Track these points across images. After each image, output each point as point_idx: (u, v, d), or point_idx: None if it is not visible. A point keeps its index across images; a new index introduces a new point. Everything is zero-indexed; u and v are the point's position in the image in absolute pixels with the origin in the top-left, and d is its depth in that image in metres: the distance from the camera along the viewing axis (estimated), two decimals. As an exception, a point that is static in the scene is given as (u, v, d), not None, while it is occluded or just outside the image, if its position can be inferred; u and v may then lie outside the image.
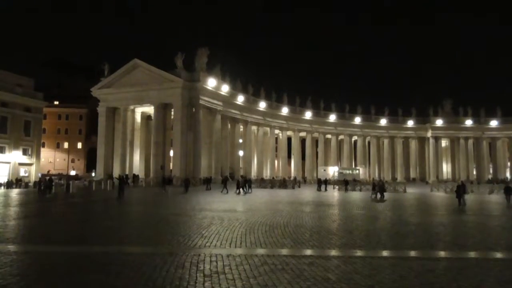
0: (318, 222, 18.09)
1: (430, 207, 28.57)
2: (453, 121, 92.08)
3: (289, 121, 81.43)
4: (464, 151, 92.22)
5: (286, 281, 7.63)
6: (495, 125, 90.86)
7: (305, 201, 31.34)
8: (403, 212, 24.99)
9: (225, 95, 63.39)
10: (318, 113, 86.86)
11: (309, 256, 10.18)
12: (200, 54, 58.57)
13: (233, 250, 10.83)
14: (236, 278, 7.75)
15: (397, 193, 47.00)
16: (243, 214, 20.29)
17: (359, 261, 9.85)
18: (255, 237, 12.88)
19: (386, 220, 19.95)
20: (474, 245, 12.90)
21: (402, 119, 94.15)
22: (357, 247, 11.80)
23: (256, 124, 76.11)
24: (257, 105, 74.68)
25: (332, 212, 23.34)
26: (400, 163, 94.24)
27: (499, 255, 11.21)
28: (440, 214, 23.42)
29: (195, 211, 21.21)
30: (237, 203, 28.11)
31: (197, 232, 13.71)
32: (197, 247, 11.13)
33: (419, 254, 11.00)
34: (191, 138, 57.20)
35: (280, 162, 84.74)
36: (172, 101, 57.38)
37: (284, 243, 12.04)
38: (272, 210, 22.85)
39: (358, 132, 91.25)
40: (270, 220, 17.62)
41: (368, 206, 28.29)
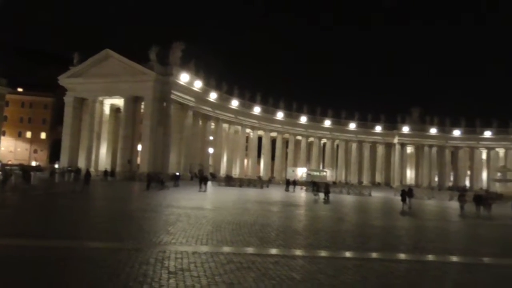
0: (285, 222, 18.26)
1: (392, 210, 29.35)
2: (419, 129, 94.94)
3: (261, 120, 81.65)
4: (428, 158, 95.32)
5: (251, 279, 7.65)
6: (458, 135, 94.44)
7: (273, 201, 31.54)
8: (367, 214, 25.60)
9: (198, 91, 62.82)
10: (290, 114, 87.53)
11: (275, 255, 10.26)
12: (175, 48, 57.78)
13: (199, 247, 10.76)
14: (201, 276, 7.70)
15: (363, 196, 48.07)
16: (211, 212, 20.21)
17: (323, 261, 10.02)
18: (222, 235, 12.85)
19: (351, 222, 20.37)
20: (433, 248, 13.37)
21: (371, 124, 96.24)
22: (322, 248, 12.00)
23: (227, 122, 75.87)
24: (229, 103, 74.45)
25: (299, 213, 23.61)
26: (367, 167, 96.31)
27: (456, 259, 11.66)
28: (401, 218, 24.11)
29: (162, 207, 20.94)
30: (205, 201, 27.95)
31: (163, 229, 13.54)
32: (162, 244, 10.99)
33: (381, 256, 11.28)
34: (161, 133, 56.37)
35: (250, 161, 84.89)
36: (143, 94, 56.34)
37: (251, 242, 12.07)
38: (240, 209, 22.86)
39: (327, 135, 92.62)
40: (237, 218, 17.61)
41: (335, 208, 28.78)
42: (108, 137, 62.04)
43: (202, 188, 37.32)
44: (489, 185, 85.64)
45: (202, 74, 64.55)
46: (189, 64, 60.37)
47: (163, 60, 57.45)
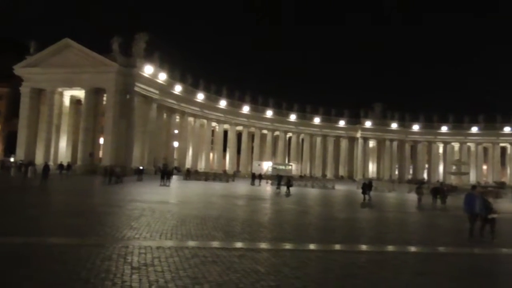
0: (250, 215, 18.38)
1: (354, 202, 30.13)
2: (381, 124, 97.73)
3: (227, 114, 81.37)
4: (389, 152, 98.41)
5: (216, 273, 7.66)
6: (417, 129, 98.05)
7: (238, 195, 31.63)
8: (330, 207, 26.18)
9: (162, 84, 61.71)
10: (256, 108, 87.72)
11: (240, 249, 10.31)
12: (138, 39, 56.38)
13: (163, 242, 10.65)
14: (165, 271, 7.63)
15: (326, 189, 49.10)
16: (176, 206, 20.02)
17: (288, 254, 10.17)
18: (187, 230, 12.77)
19: (314, 215, 20.77)
20: (392, 239, 13.86)
21: (335, 119, 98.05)
22: (286, 241, 12.16)
23: (193, 116, 75.09)
24: (195, 96, 73.66)
25: (264, 206, 23.81)
26: (331, 161, 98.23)
27: (413, 249, 12.15)
28: (362, 210, 24.82)
29: (125, 202, 20.52)
30: (170, 195, 27.66)
31: (126, 224, 13.28)
32: (125, 239, 10.79)
33: (343, 247, 11.59)
34: (124, 126, 55.07)
35: (216, 155, 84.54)
36: (105, 86, 54.73)
37: (216, 236, 12.07)
38: (205, 203, 22.80)
39: (293, 129, 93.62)
40: (202, 212, 17.55)
41: (299, 201, 29.22)
42: (68, 129, 59.96)
43: (165, 182, 36.65)
44: (445, 178, 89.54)
45: (166, 67, 63.43)
46: (153, 56, 59.14)
47: (126, 51, 56.00)
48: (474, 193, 14.78)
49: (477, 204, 13.83)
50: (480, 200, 14.08)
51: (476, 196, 14.34)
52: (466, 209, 14.24)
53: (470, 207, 14.01)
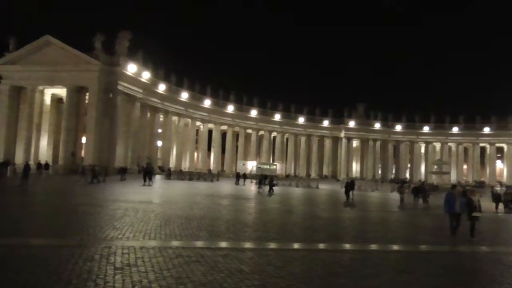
0: (234, 215, 18.37)
1: (338, 202, 30.39)
2: (364, 124, 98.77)
3: (211, 113, 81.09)
4: (372, 152, 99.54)
5: (200, 273, 7.65)
6: (400, 129, 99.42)
7: (223, 194, 31.57)
8: (314, 207, 26.34)
9: (146, 83, 61.15)
10: (241, 107, 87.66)
11: (224, 249, 10.31)
12: (122, 37, 55.67)
13: (146, 242, 10.57)
14: (149, 271, 7.58)
15: (311, 189, 49.40)
16: (159, 206, 19.87)
17: (272, 253, 10.21)
18: (171, 229, 12.70)
19: (299, 214, 20.87)
20: (375, 238, 14.04)
21: (319, 118, 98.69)
22: (271, 240, 12.20)
23: (177, 115, 74.61)
24: (179, 95, 73.21)
25: (249, 206, 23.83)
26: (315, 160, 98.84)
27: (396, 248, 12.34)
28: (346, 210, 25.07)
29: (108, 202, 20.27)
30: (154, 195, 27.44)
31: (109, 224, 13.13)
32: (108, 239, 10.67)
33: (327, 246, 11.69)
34: (107, 125, 54.34)
35: (200, 154, 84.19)
36: (88, 84, 53.89)
37: (200, 236, 12.04)
38: (190, 203, 22.68)
39: (277, 128, 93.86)
40: (186, 212, 17.47)
41: (284, 201, 29.34)
42: (50, 128, 58.86)
43: (147, 182, 36.08)
44: (427, 177, 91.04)
45: (150, 65, 62.89)
46: (136, 54, 58.54)
47: (109, 50, 55.29)
48: (454, 192, 14.86)
49: (457, 204, 13.92)
50: (460, 199, 14.17)
51: (456, 196, 14.40)
52: (446, 208, 14.34)
53: (450, 207, 14.09)
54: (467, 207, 13.90)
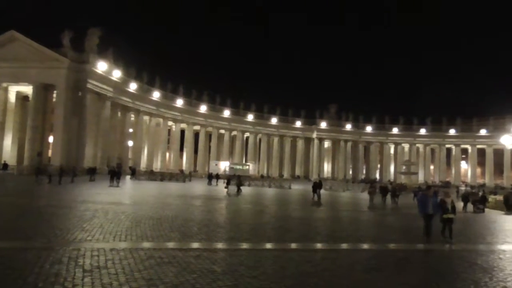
0: (207, 215, 18.28)
1: (309, 202, 30.72)
2: (336, 125, 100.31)
3: (184, 113, 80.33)
4: (343, 152, 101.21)
5: (172, 274, 7.58)
6: (370, 130, 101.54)
7: (195, 195, 31.37)
8: (287, 207, 26.55)
9: (117, 81, 59.91)
10: (213, 108, 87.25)
11: (197, 249, 10.25)
12: (91, 34, 54.36)
13: (117, 243, 10.37)
14: (119, 273, 7.45)
15: (283, 189, 49.75)
16: (130, 207, 19.53)
17: (244, 254, 10.23)
18: (142, 231, 12.51)
19: (271, 214, 20.98)
20: (346, 237, 14.30)
21: (291, 119, 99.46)
22: (243, 240, 12.22)
23: (148, 114, 73.51)
24: (150, 94, 72.13)
25: (221, 206, 23.76)
26: (288, 161, 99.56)
27: (366, 246, 12.60)
28: (317, 209, 25.41)
29: (77, 203, 19.76)
30: (124, 196, 26.96)
31: (78, 225, 12.80)
32: (77, 241, 10.40)
33: (299, 246, 11.81)
34: (76, 124, 52.93)
35: (172, 154, 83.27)
36: (55, 82, 52.29)
37: (172, 237, 11.92)
38: (161, 203, 22.42)
39: (250, 129, 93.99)
40: (158, 213, 17.25)
41: (256, 201, 29.43)
42: (14, 127, 56.75)
43: (114, 183, 35.03)
44: (396, 177, 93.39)
45: (121, 64, 61.69)
46: (107, 52, 57.29)
47: (78, 47, 53.89)
48: (427, 193, 14.66)
49: (430, 205, 13.80)
50: (433, 200, 14.01)
51: (430, 197, 14.18)
52: (420, 210, 14.19)
53: (423, 208, 13.94)
54: (440, 208, 13.86)
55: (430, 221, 13.78)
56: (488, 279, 8.73)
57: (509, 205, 30.99)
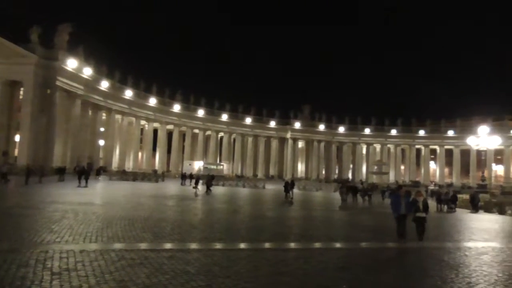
0: (180, 215, 18.12)
1: (283, 201, 30.95)
2: (309, 125, 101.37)
3: (157, 112, 79.32)
4: (317, 152, 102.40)
5: (144, 275, 7.48)
6: (343, 131, 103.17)
7: (168, 195, 31.03)
8: (260, 206, 26.63)
9: (88, 79, 58.50)
10: (187, 107, 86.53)
11: (170, 250, 10.14)
12: (61, 30, 52.90)
13: (87, 245, 10.13)
14: (89, 275, 7.28)
15: (257, 189, 49.88)
16: (101, 208, 19.12)
17: (218, 254, 10.20)
18: (113, 232, 12.27)
19: (245, 214, 21.01)
20: (318, 236, 14.47)
21: (266, 119, 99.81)
22: (217, 240, 12.18)
23: (120, 113, 72.17)
24: (123, 92, 70.83)
25: (195, 206, 23.61)
26: (262, 160, 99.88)
27: (338, 245, 12.80)
28: (293, 209, 25.61)
29: (45, 203, 19.17)
30: (95, 196, 26.38)
31: (46, 227, 12.42)
32: (45, 243, 10.09)
33: (272, 245, 11.87)
34: (44, 122, 51.38)
35: (145, 154, 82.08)
36: (23, 79, 50.61)
37: (144, 237, 11.75)
38: (134, 204, 22.06)
39: (225, 128, 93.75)
40: (130, 213, 16.96)
41: (230, 201, 29.38)
42: (-22, 125, 54.58)
43: (82, 183, 33.65)
44: (368, 177, 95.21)
45: (93, 61, 60.29)
46: (77, 49, 55.88)
47: (47, 43, 52.32)
48: (399, 193, 14.26)
49: (402, 205, 13.48)
50: (405, 200, 13.63)
51: (402, 196, 13.81)
52: (392, 209, 13.83)
53: (396, 208, 13.61)
54: (412, 208, 13.54)
55: (404, 221, 13.45)
56: (454, 276, 9.03)
57: (474, 204, 32.13)
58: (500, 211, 30.88)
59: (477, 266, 10.20)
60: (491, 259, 11.44)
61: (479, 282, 8.50)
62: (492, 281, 8.73)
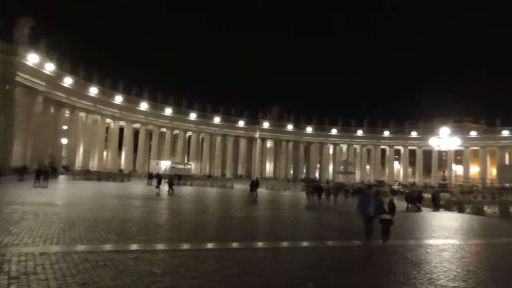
0: (146, 216, 17.79)
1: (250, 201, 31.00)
2: (278, 125, 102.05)
3: (123, 110, 77.53)
4: (285, 152, 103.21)
5: (109, 277, 7.28)
6: (310, 131, 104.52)
7: (134, 195, 30.42)
8: (228, 206, 26.56)
9: (50, 75, 56.38)
10: (155, 105, 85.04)
11: (135, 251, 9.94)
12: (22, 24, 50.78)
13: (48, 247, 9.75)
14: (50, 278, 7.01)
15: (225, 189, 49.74)
16: (63, 208, 18.49)
17: (185, 254, 10.08)
18: (76, 233, 11.88)
19: (213, 214, 20.89)
20: (286, 236, 14.57)
21: (235, 119, 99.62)
22: (184, 241, 12.04)
23: (85, 111, 70.05)
24: (87, 90, 68.77)
25: (162, 206, 23.27)
26: (230, 160, 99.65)
27: (305, 244, 12.93)
28: (261, 209, 25.68)
29: (3, 204, 18.33)
30: (57, 197, 25.49)
31: (3, 229, 11.86)
32: (2, 246, 9.63)
33: (240, 245, 11.85)
34: (2, 120, 49.13)
35: (110, 153, 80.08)
36: (-20, 74, 48.31)
37: (109, 239, 11.45)
38: (98, 204, 21.47)
39: (193, 128, 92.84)
40: (94, 214, 16.48)
41: (198, 201, 29.14)
42: None
43: (40, 183, 32.04)
44: (334, 177, 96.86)
45: (55, 57, 58.21)
46: (39, 44, 53.80)
47: (6, 37, 50.07)
48: (369, 193, 13.79)
49: (370, 205, 12.90)
50: (374, 200, 13.07)
51: (371, 197, 13.26)
52: (360, 210, 13.11)
53: (364, 208, 12.98)
54: (381, 209, 13.04)
55: (371, 222, 12.96)
56: (416, 272, 9.32)
57: (436, 203, 33.30)
58: (460, 209, 32.10)
59: (438, 263, 10.56)
60: (451, 256, 11.87)
61: (440, 278, 8.81)
62: (451, 276, 9.06)
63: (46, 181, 32.92)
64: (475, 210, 31.01)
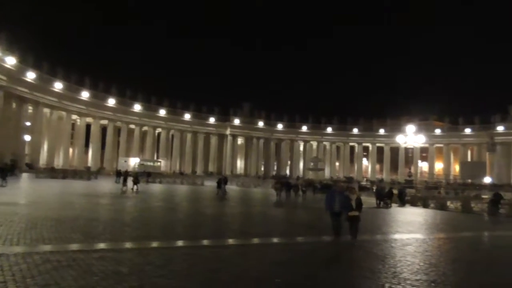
0: (113, 214, 17.44)
1: (221, 198, 30.92)
2: (249, 122, 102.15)
3: (90, 107, 75.42)
4: (256, 149, 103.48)
5: (71, 278, 7.05)
6: (281, 128, 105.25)
7: (101, 193, 29.72)
8: (198, 203, 26.39)
9: (11, 69, 54.16)
10: (123, 101, 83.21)
11: (100, 250, 9.69)
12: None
13: (7, 248, 9.36)
14: (8, 280, 6.72)
15: (196, 186, 49.39)
16: (26, 208, 17.83)
17: (152, 252, 9.93)
18: (38, 233, 11.46)
19: (182, 211, 20.70)
20: (256, 233, 14.60)
21: (205, 116, 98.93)
22: (151, 239, 11.84)
23: (49, 107, 67.74)
24: (52, 85, 66.50)
25: (130, 204, 22.84)
26: (201, 157, 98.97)
27: (275, 241, 13.00)
28: (231, 206, 25.65)
29: (-41, 204, 17.49)
30: (19, 195, 24.55)
31: (-41, 230, 11.33)
32: (-43, 248, 9.19)
33: (209, 243, 11.77)
34: (-40, 115, 46.96)
35: (76, 150, 77.88)
36: None
37: (73, 238, 11.12)
38: (62, 203, 20.84)
39: (162, 124, 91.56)
40: (58, 213, 15.97)
41: (167, 198, 28.79)
42: None
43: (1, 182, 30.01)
44: (304, 173, 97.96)
45: (17, 50, 55.92)
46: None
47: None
48: (335, 189, 13.60)
49: (336, 202, 12.70)
50: (340, 197, 12.82)
51: (336, 193, 13.06)
52: (326, 206, 12.97)
53: (330, 205, 12.81)
54: (348, 206, 12.73)
55: (338, 219, 12.77)
56: (381, 266, 9.53)
57: (402, 199, 34.22)
58: (424, 204, 33.10)
59: (402, 257, 10.85)
60: (414, 250, 12.23)
61: (403, 271, 9.04)
62: (414, 270, 9.32)
63: (5, 179, 31.35)
64: (439, 205, 32.05)
